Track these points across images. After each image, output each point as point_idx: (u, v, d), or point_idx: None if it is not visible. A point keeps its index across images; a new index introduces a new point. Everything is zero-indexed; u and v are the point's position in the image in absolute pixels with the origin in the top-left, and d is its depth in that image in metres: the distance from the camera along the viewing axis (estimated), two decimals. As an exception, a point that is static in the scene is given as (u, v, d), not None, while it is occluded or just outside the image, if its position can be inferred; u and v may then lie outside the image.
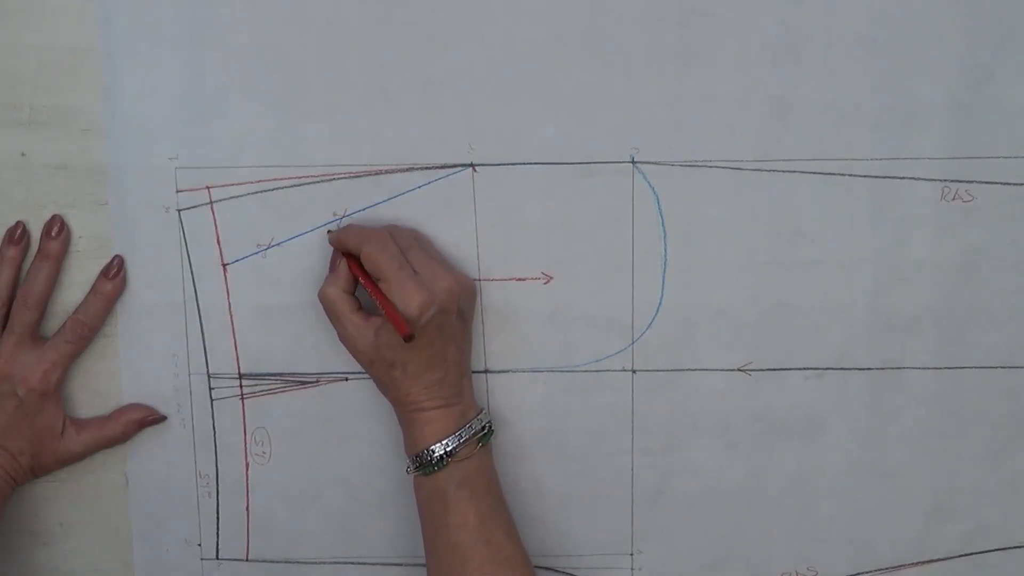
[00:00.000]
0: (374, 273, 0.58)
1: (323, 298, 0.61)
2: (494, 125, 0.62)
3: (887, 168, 0.63)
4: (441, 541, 0.59)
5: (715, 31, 0.61)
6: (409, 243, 0.60)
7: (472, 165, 0.63)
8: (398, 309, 0.57)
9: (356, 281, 0.61)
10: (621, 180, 0.63)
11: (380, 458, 0.66)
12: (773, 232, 0.63)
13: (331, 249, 0.63)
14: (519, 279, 0.64)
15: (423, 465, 0.60)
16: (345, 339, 0.60)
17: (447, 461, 0.59)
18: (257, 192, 0.63)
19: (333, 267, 0.62)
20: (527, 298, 0.64)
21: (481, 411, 0.62)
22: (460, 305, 0.60)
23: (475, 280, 0.63)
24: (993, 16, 0.61)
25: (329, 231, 0.63)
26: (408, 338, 0.56)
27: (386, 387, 0.61)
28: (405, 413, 0.61)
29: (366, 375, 0.62)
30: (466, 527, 0.59)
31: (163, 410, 0.66)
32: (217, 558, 0.68)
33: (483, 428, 0.61)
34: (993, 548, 0.68)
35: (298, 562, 0.68)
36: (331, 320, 0.61)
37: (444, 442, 0.59)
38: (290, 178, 0.63)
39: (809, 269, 0.64)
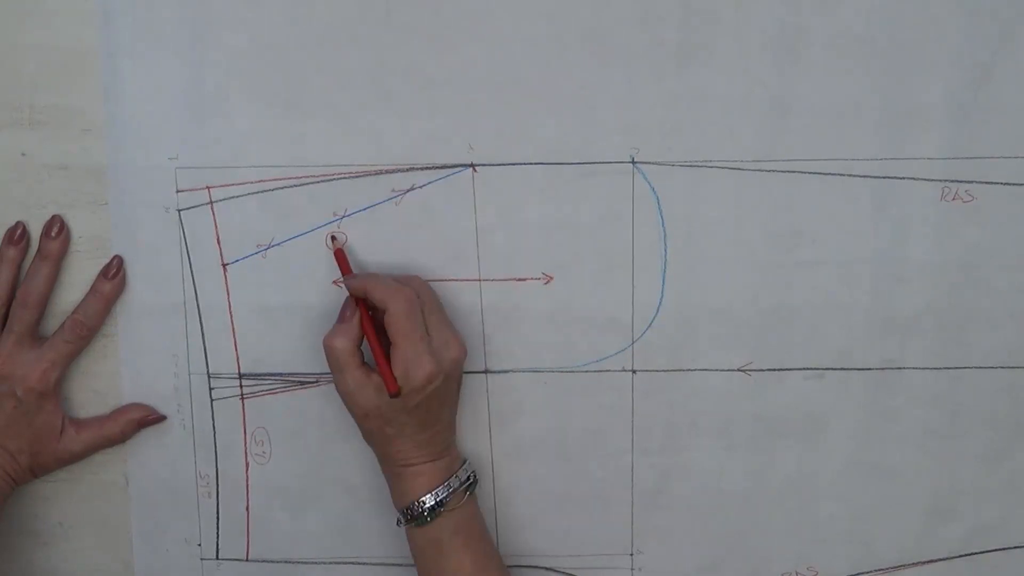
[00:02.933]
0: (392, 334, 0.58)
1: (329, 349, 0.59)
2: (494, 125, 0.62)
3: (887, 168, 0.63)
4: None
5: (715, 31, 0.61)
6: (430, 303, 0.60)
7: (472, 165, 0.63)
8: (408, 375, 0.57)
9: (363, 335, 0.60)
10: (621, 180, 0.63)
11: (380, 458, 0.66)
12: (773, 232, 0.63)
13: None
14: (519, 279, 0.64)
15: (415, 517, 0.60)
16: (344, 392, 0.60)
17: (439, 511, 0.60)
18: (257, 192, 0.63)
19: (343, 316, 0.60)
20: (527, 298, 0.64)
21: (465, 461, 0.63)
22: (460, 372, 0.62)
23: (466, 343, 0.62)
24: (993, 16, 0.61)
25: (347, 279, 0.61)
26: (395, 395, 0.58)
27: (376, 441, 0.61)
28: (393, 467, 0.61)
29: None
30: (462, 572, 0.60)
31: (163, 410, 0.66)
32: (217, 558, 0.68)
33: (468, 478, 0.62)
34: (993, 548, 0.68)
35: (298, 562, 0.68)
36: (331, 369, 0.60)
37: (434, 493, 0.60)
38: (290, 178, 0.63)
39: (809, 269, 0.64)
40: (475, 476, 0.64)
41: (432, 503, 0.60)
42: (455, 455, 0.63)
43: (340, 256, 0.63)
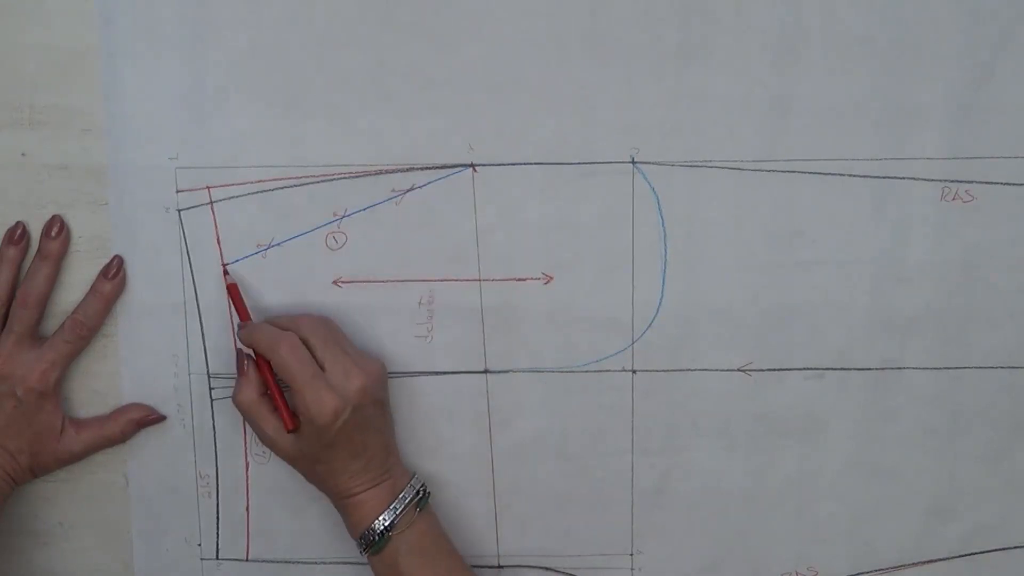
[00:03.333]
0: (285, 379, 0.59)
1: (238, 405, 0.61)
2: (494, 125, 0.62)
3: (887, 168, 0.63)
4: None
5: (715, 31, 0.61)
6: (321, 337, 0.60)
7: (472, 165, 0.63)
8: (311, 415, 0.58)
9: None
10: (621, 180, 0.63)
11: (380, 458, 0.66)
12: (773, 232, 0.63)
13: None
14: (519, 279, 0.64)
15: (369, 545, 0.60)
16: (266, 442, 0.61)
17: (389, 535, 0.60)
18: (257, 192, 0.63)
19: (241, 369, 0.61)
20: (527, 298, 0.64)
21: (412, 477, 0.63)
22: (374, 396, 0.60)
23: (383, 363, 0.62)
24: (993, 16, 0.61)
25: (240, 327, 0.62)
26: (293, 430, 0.59)
27: (314, 480, 0.62)
28: (338, 500, 0.62)
29: (366, 375, 0.63)
30: None
31: (163, 410, 0.66)
32: (217, 558, 0.68)
33: (417, 493, 0.62)
34: (993, 548, 0.68)
35: (298, 562, 0.68)
36: (249, 424, 0.62)
37: (381, 518, 0.60)
38: (290, 178, 0.63)
39: (809, 269, 0.64)
40: (424, 490, 0.63)
41: (381, 528, 0.60)
42: (398, 475, 0.62)
43: (234, 292, 0.63)
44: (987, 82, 0.61)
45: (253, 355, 0.61)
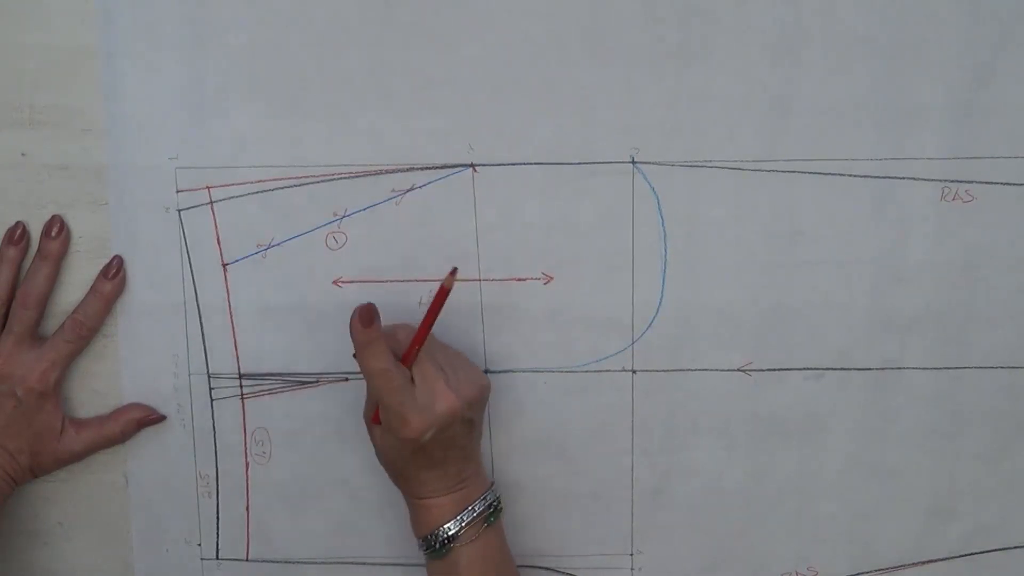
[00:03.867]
0: (376, 400, 0.58)
1: (367, 370, 0.58)
2: (494, 125, 0.62)
3: (887, 168, 0.63)
4: None
5: (715, 31, 0.61)
6: (425, 354, 0.58)
7: (472, 165, 0.63)
8: (393, 427, 0.57)
9: None
10: (621, 180, 0.63)
11: (380, 458, 0.66)
12: (773, 232, 0.63)
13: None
14: (519, 279, 0.64)
15: (430, 548, 0.60)
16: (366, 420, 0.62)
17: (451, 545, 0.59)
18: (257, 192, 0.63)
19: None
20: (527, 298, 0.64)
21: (488, 489, 0.62)
22: (464, 416, 0.58)
23: (486, 383, 0.61)
24: (993, 16, 0.61)
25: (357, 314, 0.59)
26: (376, 422, 0.59)
27: (390, 475, 0.62)
28: (409, 499, 0.61)
29: (366, 375, 0.63)
30: None
31: (163, 410, 0.66)
32: (217, 558, 0.68)
33: (489, 507, 0.61)
34: (993, 548, 0.68)
35: (298, 562, 0.68)
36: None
37: (447, 526, 0.60)
38: (290, 178, 0.63)
39: (809, 269, 0.64)
40: (498, 504, 0.62)
41: (444, 537, 0.59)
42: (475, 484, 0.61)
43: (442, 296, 0.59)
44: (987, 82, 0.61)
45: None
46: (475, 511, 0.60)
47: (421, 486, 0.60)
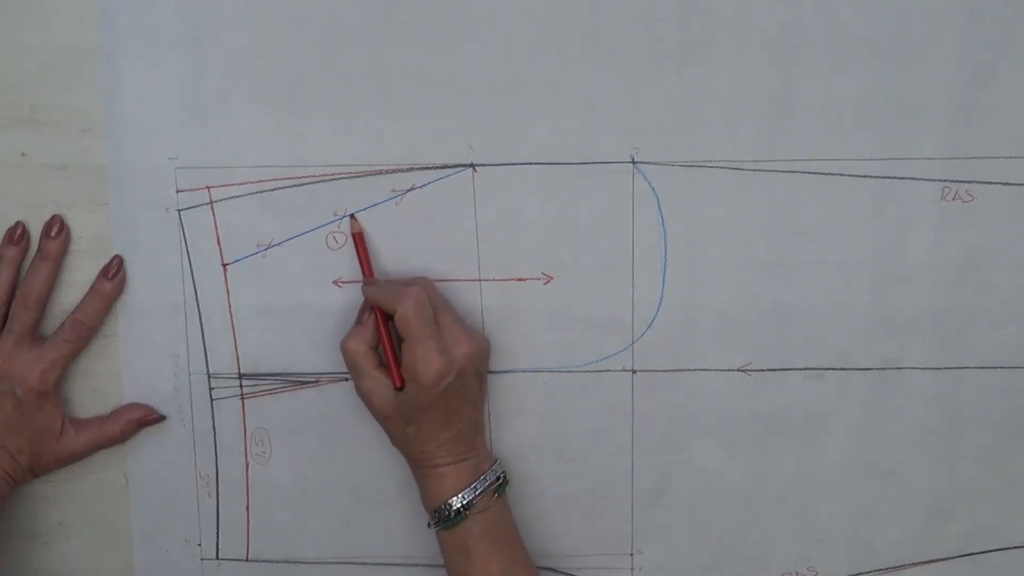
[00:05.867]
0: (402, 332, 0.59)
1: (346, 350, 0.61)
2: (494, 125, 0.62)
3: (887, 168, 0.63)
4: None
5: (715, 31, 0.61)
6: (439, 304, 0.61)
7: (472, 165, 0.63)
8: (418, 371, 0.58)
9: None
10: (621, 180, 0.63)
11: (380, 458, 0.66)
12: (773, 232, 0.63)
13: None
14: (519, 279, 0.64)
15: (443, 520, 0.60)
16: (363, 393, 0.61)
17: (465, 514, 0.60)
18: (257, 192, 0.63)
19: (360, 319, 0.62)
20: (527, 298, 0.64)
21: (495, 462, 0.63)
22: (477, 367, 0.61)
23: (488, 339, 0.63)
24: (993, 16, 0.61)
25: (363, 287, 0.62)
26: (400, 389, 0.59)
27: (400, 443, 0.62)
28: (420, 469, 0.62)
29: (366, 375, 0.63)
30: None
31: (163, 410, 0.66)
32: (217, 558, 0.68)
33: (498, 479, 0.62)
34: (993, 548, 0.68)
35: (298, 562, 0.68)
36: (350, 372, 0.61)
37: (461, 495, 0.60)
38: (290, 178, 0.63)
39: (809, 269, 0.64)
40: (505, 476, 0.63)
41: (459, 505, 0.60)
42: (483, 455, 0.63)
43: (359, 242, 0.63)
44: (987, 82, 0.61)
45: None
46: (487, 480, 0.61)
47: (436, 448, 0.60)
